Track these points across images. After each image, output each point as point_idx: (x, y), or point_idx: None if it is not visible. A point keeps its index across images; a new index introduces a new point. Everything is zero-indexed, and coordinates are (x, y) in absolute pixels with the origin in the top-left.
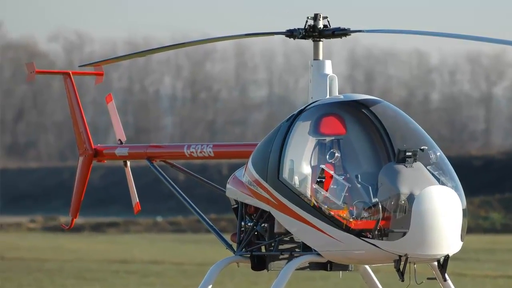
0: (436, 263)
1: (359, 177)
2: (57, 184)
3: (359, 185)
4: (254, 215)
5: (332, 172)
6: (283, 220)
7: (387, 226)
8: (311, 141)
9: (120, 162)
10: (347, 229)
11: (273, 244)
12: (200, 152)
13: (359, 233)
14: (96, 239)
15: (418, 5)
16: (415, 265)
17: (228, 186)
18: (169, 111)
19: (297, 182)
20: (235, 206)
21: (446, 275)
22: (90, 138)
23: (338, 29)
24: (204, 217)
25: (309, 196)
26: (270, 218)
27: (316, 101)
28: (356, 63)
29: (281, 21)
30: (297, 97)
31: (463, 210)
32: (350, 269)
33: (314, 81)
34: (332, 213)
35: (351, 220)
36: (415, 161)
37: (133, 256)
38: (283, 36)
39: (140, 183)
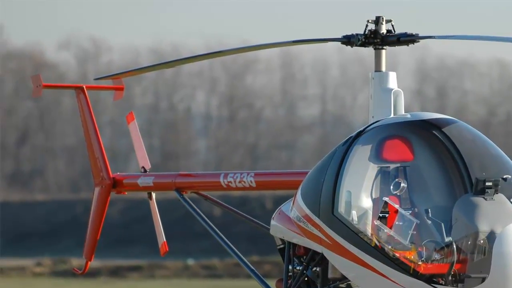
0: None
1: (430, 211)
2: (68, 220)
3: (429, 222)
4: (304, 257)
5: (397, 206)
6: (338, 263)
7: (463, 270)
8: (372, 169)
9: (144, 194)
10: (415, 274)
11: None
12: (240, 182)
13: (430, 279)
14: (115, 285)
15: (499, 6)
16: None
17: (272, 222)
18: (203, 132)
19: (355, 217)
20: (281, 246)
21: None
22: (108, 165)
23: (405, 34)
24: (244, 259)
25: (369, 235)
26: (323, 261)
27: (378, 120)
28: (426, 76)
29: (336, 25)
30: (355, 116)
31: None
32: None
33: (376, 97)
34: (397, 255)
35: (420, 263)
36: (497, 193)
37: None
38: (338, 44)
39: (167, 219)
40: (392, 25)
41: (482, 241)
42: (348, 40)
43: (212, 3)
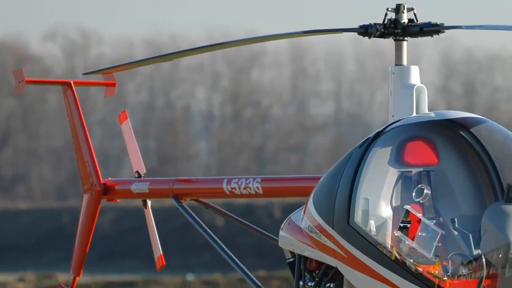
0: None
1: (456, 221)
2: (54, 231)
3: (455, 232)
4: (317, 272)
5: (420, 215)
6: (354, 279)
7: (494, 286)
8: (392, 174)
9: (138, 201)
10: None
11: None
12: (245, 188)
13: None
14: None
15: None
16: None
17: (281, 233)
18: (203, 133)
19: (373, 228)
20: (291, 259)
21: None
22: (98, 170)
23: (428, 24)
24: (250, 275)
25: (389, 247)
26: (337, 276)
27: (399, 120)
28: (452, 70)
29: (352, 14)
30: (373, 115)
31: None
32: None
33: (396, 94)
34: (420, 269)
35: (446, 278)
36: None
37: None
38: (355, 34)
39: (164, 230)
40: (415, 14)
41: None
42: (365, 31)
43: None
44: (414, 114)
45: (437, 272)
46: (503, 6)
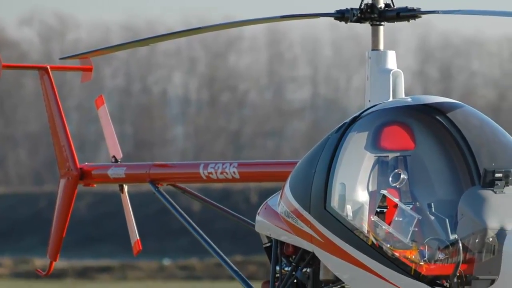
0: None
1: (433, 206)
2: (30, 216)
3: (432, 217)
4: (293, 256)
5: (396, 200)
6: (331, 264)
7: (470, 271)
8: (369, 159)
9: (115, 186)
10: (417, 276)
11: None
12: (221, 173)
13: (433, 281)
14: None
15: None
16: None
17: (258, 218)
18: (180, 118)
19: (349, 213)
20: (268, 244)
21: None
22: (75, 154)
23: (405, 9)
24: (227, 259)
25: (366, 232)
26: (314, 261)
27: (375, 105)
28: (428, 55)
29: None
30: (350, 100)
31: None
32: None
33: (373, 79)
34: (396, 254)
35: (422, 263)
36: (507, 185)
37: None
38: (331, 19)
39: (141, 214)
40: None
41: (491, 239)
42: (342, 15)
43: None
44: (391, 99)
45: (413, 257)
46: None
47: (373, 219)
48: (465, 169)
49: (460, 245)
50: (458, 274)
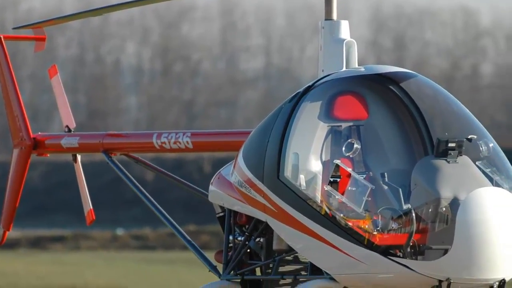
0: None
1: (386, 176)
2: None
3: (385, 187)
4: (246, 226)
5: (349, 170)
6: (284, 233)
7: (423, 241)
8: (322, 128)
9: (68, 155)
10: (370, 246)
11: (271, 266)
12: (174, 143)
13: (386, 251)
14: (36, 258)
15: None
16: None
17: (211, 188)
18: (133, 88)
19: (303, 182)
20: (221, 214)
21: None
22: (28, 124)
23: None
24: (180, 229)
25: (319, 202)
26: (267, 231)
27: (329, 74)
28: (381, 25)
29: None
30: (303, 70)
31: None
32: None
33: (326, 49)
34: (350, 224)
35: (375, 233)
36: (460, 155)
37: (85, 281)
38: None
39: (94, 184)
40: None
41: (444, 209)
42: None
43: None
44: (344, 68)
45: (367, 226)
46: None
47: (326, 188)
48: (418, 139)
49: (413, 215)
50: (411, 244)
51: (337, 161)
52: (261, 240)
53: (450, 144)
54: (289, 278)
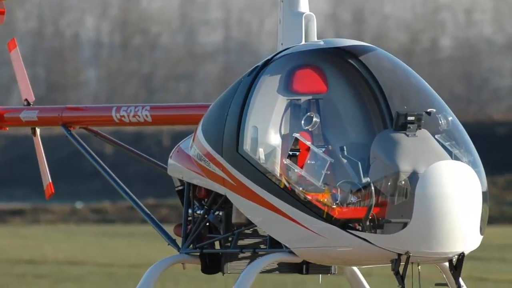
0: (447, 263)
1: (345, 149)
2: None
3: (344, 160)
4: (206, 200)
5: (308, 143)
6: (243, 207)
7: (382, 214)
8: (281, 102)
9: (27, 129)
10: (329, 219)
11: (230, 239)
12: (134, 116)
13: (345, 224)
14: None
15: None
16: (419, 267)
17: (170, 161)
18: (92, 61)
19: (262, 156)
20: (180, 188)
21: (461, 280)
22: None
23: None
24: (139, 202)
25: (278, 175)
26: (226, 204)
27: (288, 48)
28: None
29: None
30: (262, 44)
31: (483, 193)
32: (332, 271)
33: (285, 22)
34: (308, 197)
35: (334, 206)
36: (419, 128)
37: (44, 255)
38: None
39: (54, 158)
40: None
41: (403, 182)
42: None
43: None
44: (303, 42)
45: (325, 200)
46: None
47: (285, 162)
48: (378, 112)
49: (373, 188)
50: (370, 217)
51: (296, 135)
52: (220, 213)
53: (409, 118)
54: (248, 251)
